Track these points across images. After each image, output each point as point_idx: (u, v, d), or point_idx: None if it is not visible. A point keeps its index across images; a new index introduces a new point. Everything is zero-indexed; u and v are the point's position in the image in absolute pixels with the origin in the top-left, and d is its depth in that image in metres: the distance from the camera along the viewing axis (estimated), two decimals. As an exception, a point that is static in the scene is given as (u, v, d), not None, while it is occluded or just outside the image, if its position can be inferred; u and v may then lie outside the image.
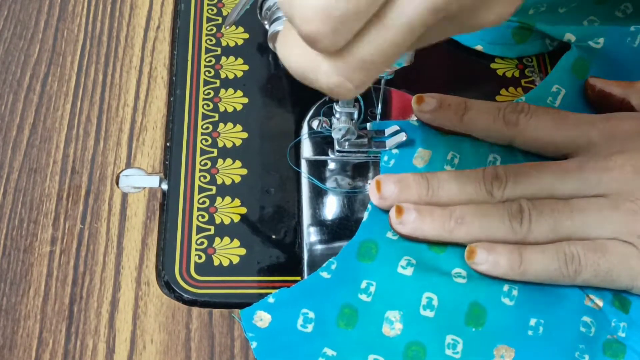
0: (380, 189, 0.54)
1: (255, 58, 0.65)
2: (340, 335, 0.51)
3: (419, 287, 0.52)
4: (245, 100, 0.63)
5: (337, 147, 0.58)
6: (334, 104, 0.56)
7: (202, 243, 0.56)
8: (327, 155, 0.59)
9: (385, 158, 0.57)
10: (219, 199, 0.58)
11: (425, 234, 0.53)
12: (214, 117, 0.61)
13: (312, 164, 0.59)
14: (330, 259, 0.53)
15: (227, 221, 0.57)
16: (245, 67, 0.64)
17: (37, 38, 0.67)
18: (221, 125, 0.61)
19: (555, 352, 0.50)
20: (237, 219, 0.57)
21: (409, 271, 0.52)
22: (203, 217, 0.57)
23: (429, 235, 0.53)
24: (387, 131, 0.58)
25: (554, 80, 0.61)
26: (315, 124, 0.61)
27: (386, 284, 0.52)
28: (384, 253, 0.53)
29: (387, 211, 0.54)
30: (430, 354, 0.50)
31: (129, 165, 0.60)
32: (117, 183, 0.59)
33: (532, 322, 0.51)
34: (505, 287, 0.52)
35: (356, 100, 0.55)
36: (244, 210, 0.57)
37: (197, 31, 0.66)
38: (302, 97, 0.62)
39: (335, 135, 0.57)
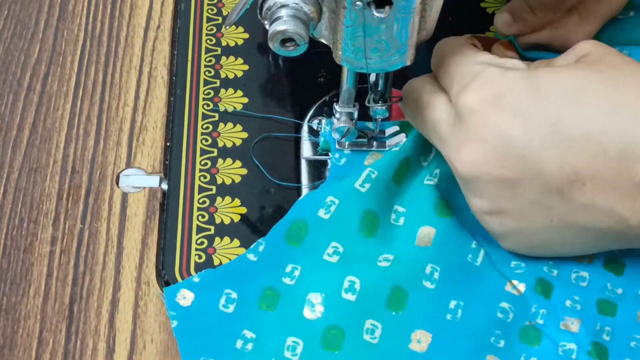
0: None
1: (255, 58, 0.65)
2: (260, 316, 0.51)
3: (343, 271, 0.52)
4: (245, 100, 0.62)
5: (337, 147, 0.58)
6: (334, 104, 0.56)
7: (202, 243, 0.56)
8: (327, 155, 0.59)
9: (337, 155, 0.57)
10: (219, 198, 0.58)
11: None
12: (214, 117, 0.61)
13: (312, 164, 0.59)
14: (259, 240, 0.53)
15: (227, 221, 0.57)
16: (245, 67, 0.64)
17: (37, 38, 0.67)
18: (221, 125, 0.61)
19: (470, 336, 0.50)
20: (237, 218, 0.57)
21: (334, 259, 0.52)
22: (203, 217, 0.57)
23: None
24: (388, 131, 0.58)
25: None
26: (315, 124, 0.61)
27: (311, 269, 0.52)
28: (313, 236, 0.53)
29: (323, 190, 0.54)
30: (349, 338, 0.50)
31: (129, 165, 0.60)
32: (117, 183, 0.59)
33: (452, 304, 0.51)
34: (428, 269, 0.52)
35: (356, 100, 0.55)
36: (244, 210, 0.57)
37: (197, 31, 0.66)
38: (302, 97, 0.62)
39: (335, 135, 0.57)
